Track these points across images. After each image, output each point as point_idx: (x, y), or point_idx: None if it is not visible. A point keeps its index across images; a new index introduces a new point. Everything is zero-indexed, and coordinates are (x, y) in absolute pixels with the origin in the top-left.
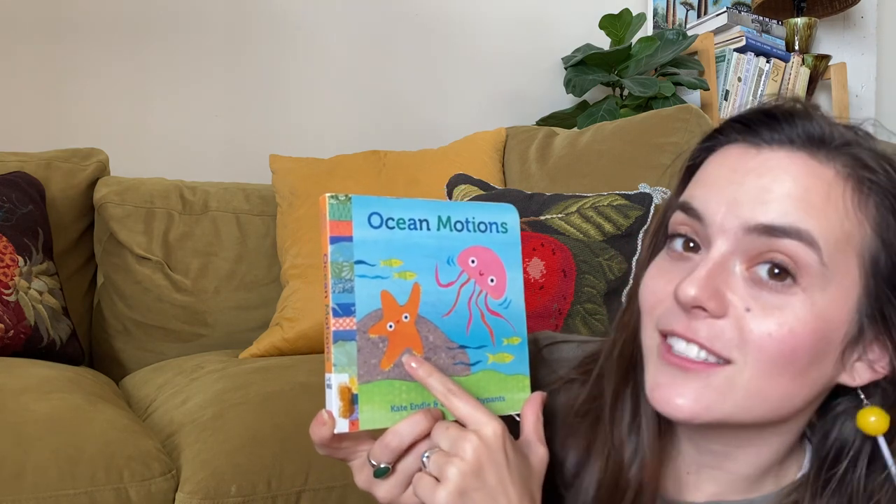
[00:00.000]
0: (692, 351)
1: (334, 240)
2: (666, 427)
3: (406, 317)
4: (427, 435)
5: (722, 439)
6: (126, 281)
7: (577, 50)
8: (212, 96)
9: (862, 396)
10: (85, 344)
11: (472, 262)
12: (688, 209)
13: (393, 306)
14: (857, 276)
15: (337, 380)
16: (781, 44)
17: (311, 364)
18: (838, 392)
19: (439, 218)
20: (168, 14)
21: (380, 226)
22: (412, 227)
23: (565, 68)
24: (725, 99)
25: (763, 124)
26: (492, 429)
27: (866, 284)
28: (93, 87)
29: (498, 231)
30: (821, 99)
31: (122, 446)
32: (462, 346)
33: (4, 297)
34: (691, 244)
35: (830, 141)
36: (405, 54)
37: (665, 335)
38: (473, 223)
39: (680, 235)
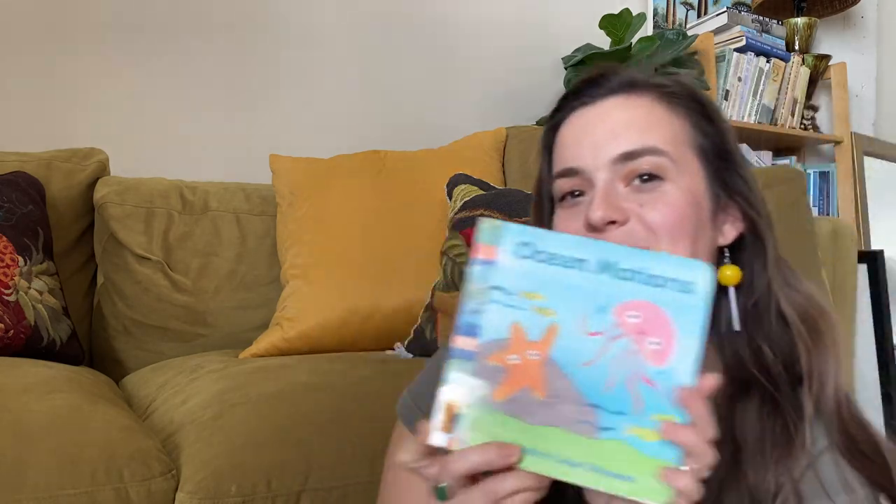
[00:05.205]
0: None
1: (477, 262)
2: None
3: (535, 354)
4: (497, 471)
5: None
6: (126, 281)
7: (577, 50)
8: (212, 96)
9: (726, 255)
10: (85, 344)
11: (633, 317)
12: (566, 172)
13: (521, 340)
14: (699, 162)
15: (445, 394)
16: (781, 44)
17: (311, 364)
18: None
19: (602, 261)
20: (168, 14)
21: (528, 256)
22: (566, 265)
23: (565, 68)
24: (725, 99)
25: (588, 87)
26: None
27: (706, 166)
28: (93, 87)
29: (679, 290)
30: (821, 99)
31: (122, 446)
32: (593, 405)
33: (4, 297)
34: (576, 193)
35: (639, 82)
36: (405, 54)
37: None
38: (646, 274)
39: (568, 194)
